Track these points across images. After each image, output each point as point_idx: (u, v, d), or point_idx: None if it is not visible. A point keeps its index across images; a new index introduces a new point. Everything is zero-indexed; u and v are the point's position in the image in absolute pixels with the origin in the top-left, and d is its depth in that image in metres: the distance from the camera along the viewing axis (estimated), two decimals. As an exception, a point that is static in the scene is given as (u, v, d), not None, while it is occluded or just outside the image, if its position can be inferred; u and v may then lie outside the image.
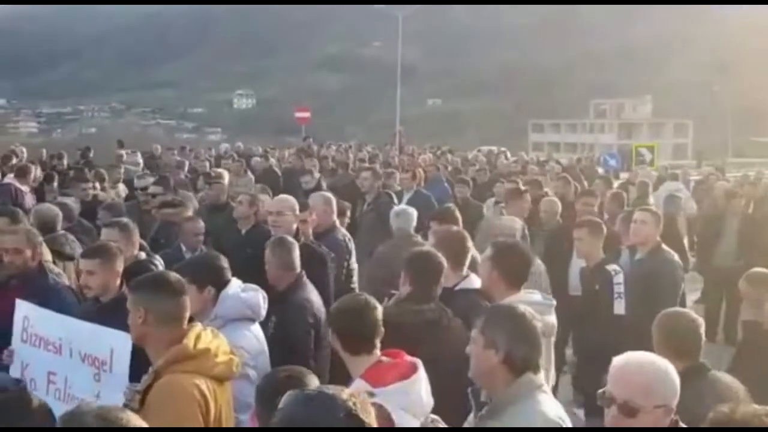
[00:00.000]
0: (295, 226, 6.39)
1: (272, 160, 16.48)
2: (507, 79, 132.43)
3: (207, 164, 15.03)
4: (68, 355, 4.20)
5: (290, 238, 5.37)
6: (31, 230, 5.44)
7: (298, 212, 6.53)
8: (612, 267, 6.24)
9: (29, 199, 9.72)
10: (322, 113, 52.25)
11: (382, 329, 3.53)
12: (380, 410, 3.18)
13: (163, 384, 3.29)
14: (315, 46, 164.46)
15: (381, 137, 37.55)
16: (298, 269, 5.15)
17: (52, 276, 5.33)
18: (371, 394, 3.26)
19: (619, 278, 6.11)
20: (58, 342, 4.26)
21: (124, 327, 4.05)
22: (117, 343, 4.03)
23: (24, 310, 4.49)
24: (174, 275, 3.64)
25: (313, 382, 3.00)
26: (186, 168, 13.66)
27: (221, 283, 4.35)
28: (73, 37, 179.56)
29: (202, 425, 3.24)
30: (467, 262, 4.92)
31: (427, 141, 32.09)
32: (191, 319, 3.59)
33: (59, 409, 4.07)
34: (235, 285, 4.42)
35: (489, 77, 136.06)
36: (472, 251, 5.09)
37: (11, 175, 10.51)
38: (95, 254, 4.70)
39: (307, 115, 31.66)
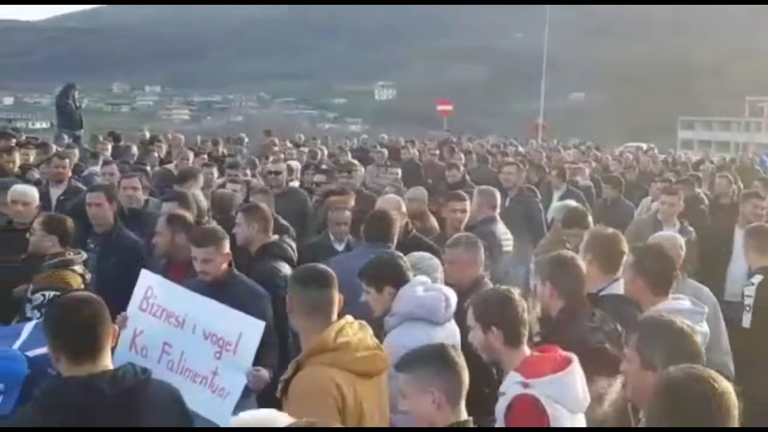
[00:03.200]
0: (398, 223, 6.44)
1: (414, 152, 16.46)
2: (655, 73, 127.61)
3: (349, 155, 15.18)
4: (190, 331, 4.35)
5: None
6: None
7: (404, 210, 6.73)
8: (753, 278, 5.92)
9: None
10: (461, 105, 51.98)
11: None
12: (535, 404, 3.11)
13: (301, 376, 3.33)
14: (456, 36, 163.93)
15: (522, 131, 37.01)
16: (478, 269, 5.09)
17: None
18: (525, 385, 3.20)
19: (750, 290, 5.80)
20: (182, 317, 4.40)
21: (232, 303, 4.30)
22: (248, 329, 4.19)
23: (149, 280, 4.66)
24: (323, 268, 3.68)
25: None
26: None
27: (401, 282, 4.31)
28: (222, 27, 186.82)
29: (338, 419, 3.22)
30: (621, 267, 4.59)
31: (570, 136, 31.36)
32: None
33: (170, 379, 4.18)
34: (417, 282, 4.34)
35: (636, 70, 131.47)
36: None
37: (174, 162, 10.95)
38: (208, 242, 4.82)
39: (449, 108, 31.61)
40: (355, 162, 10.34)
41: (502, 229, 7.01)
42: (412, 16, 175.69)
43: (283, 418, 2.32)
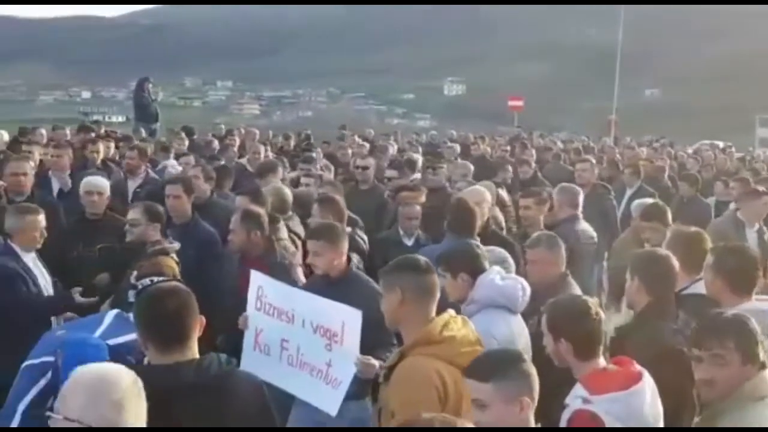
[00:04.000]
0: (480, 215, 6.41)
1: (485, 148, 16.38)
2: (732, 70, 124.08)
3: (420, 150, 15.18)
4: (300, 325, 4.42)
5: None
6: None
7: (488, 201, 6.92)
8: None
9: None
10: (532, 101, 51.39)
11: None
12: (593, 419, 3.05)
13: (405, 365, 3.37)
14: (528, 32, 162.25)
15: (593, 128, 36.42)
16: (560, 268, 5.04)
17: (280, 253, 5.64)
18: (587, 401, 3.14)
19: None
20: (291, 312, 4.49)
21: (351, 301, 4.26)
22: (348, 318, 4.21)
23: (258, 280, 4.74)
24: (419, 257, 3.75)
25: None
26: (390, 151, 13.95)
27: (476, 270, 4.34)
28: (292, 23, 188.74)
29: (439, 410, 3.20)
30: (703, 266, 4.50)
31: (645, 133, 30.71)
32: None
33: (291, 374, 4.31)
34: (494, 271, 4.37)
35: (712, 67, 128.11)
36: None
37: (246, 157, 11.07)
38: (319, 236, 4.88)
39: (520, 103, 31.31)
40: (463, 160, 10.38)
41: (584, 228, 6.90)
42: (485, 10, 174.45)
43: (126, 373, 2.29)
